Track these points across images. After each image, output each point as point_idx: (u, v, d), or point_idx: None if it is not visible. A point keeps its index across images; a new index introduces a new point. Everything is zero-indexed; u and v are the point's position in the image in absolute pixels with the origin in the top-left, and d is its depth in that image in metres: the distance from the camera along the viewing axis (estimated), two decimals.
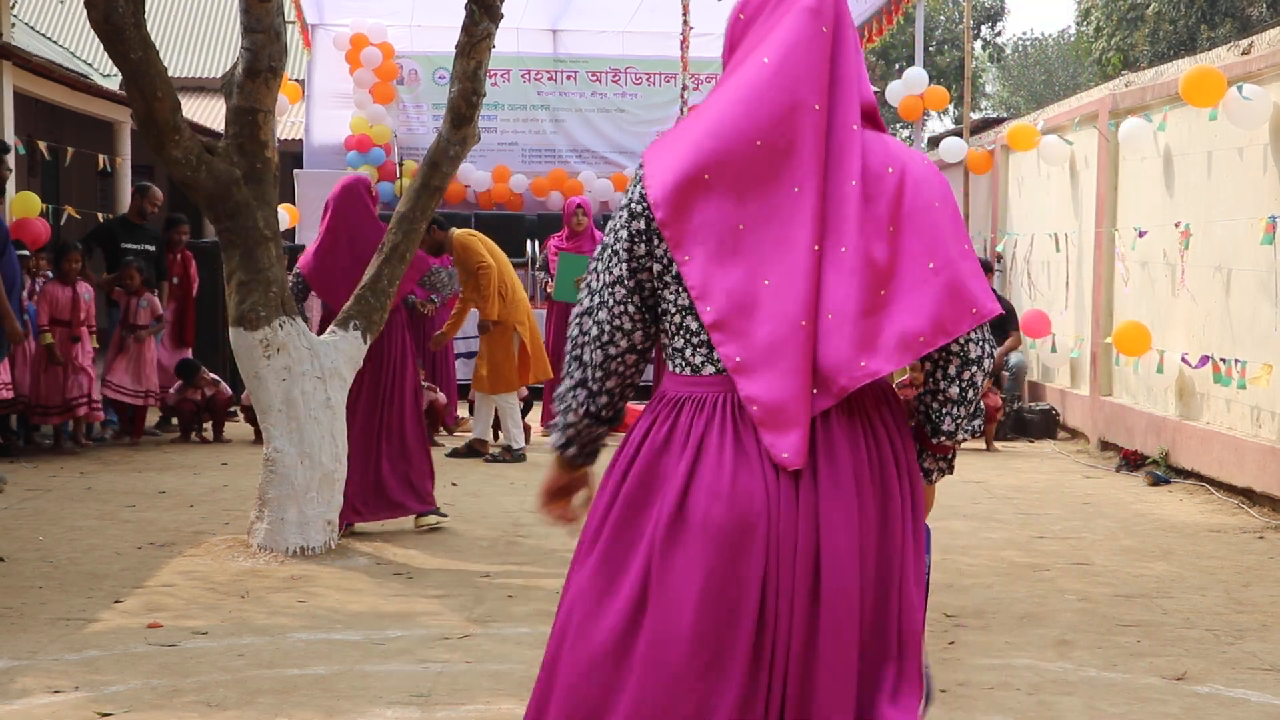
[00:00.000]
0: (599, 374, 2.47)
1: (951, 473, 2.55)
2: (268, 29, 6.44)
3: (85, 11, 6.18)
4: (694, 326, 2.37)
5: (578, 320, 2.47)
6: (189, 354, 11.06)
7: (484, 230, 15.35)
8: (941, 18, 39.50)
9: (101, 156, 14.93)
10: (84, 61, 20.38)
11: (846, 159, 2.31)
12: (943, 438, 2.46)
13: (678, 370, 2.40)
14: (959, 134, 15.84)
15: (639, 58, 17.06)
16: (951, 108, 30.61)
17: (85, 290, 9.91)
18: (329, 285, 7.10)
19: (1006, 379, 11.80)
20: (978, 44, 40.29)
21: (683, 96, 13.29)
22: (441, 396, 10.69)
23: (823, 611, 2.27)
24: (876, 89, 28.27)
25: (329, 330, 6.83)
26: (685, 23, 13.30)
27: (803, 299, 2.28)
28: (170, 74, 6.45)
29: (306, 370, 6.51)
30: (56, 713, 4.19)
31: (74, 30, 23.99)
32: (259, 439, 9.43)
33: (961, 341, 2.36)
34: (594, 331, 2.45)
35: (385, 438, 7.04)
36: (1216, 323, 8.85)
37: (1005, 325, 12.06)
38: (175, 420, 10.81)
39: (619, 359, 2.46)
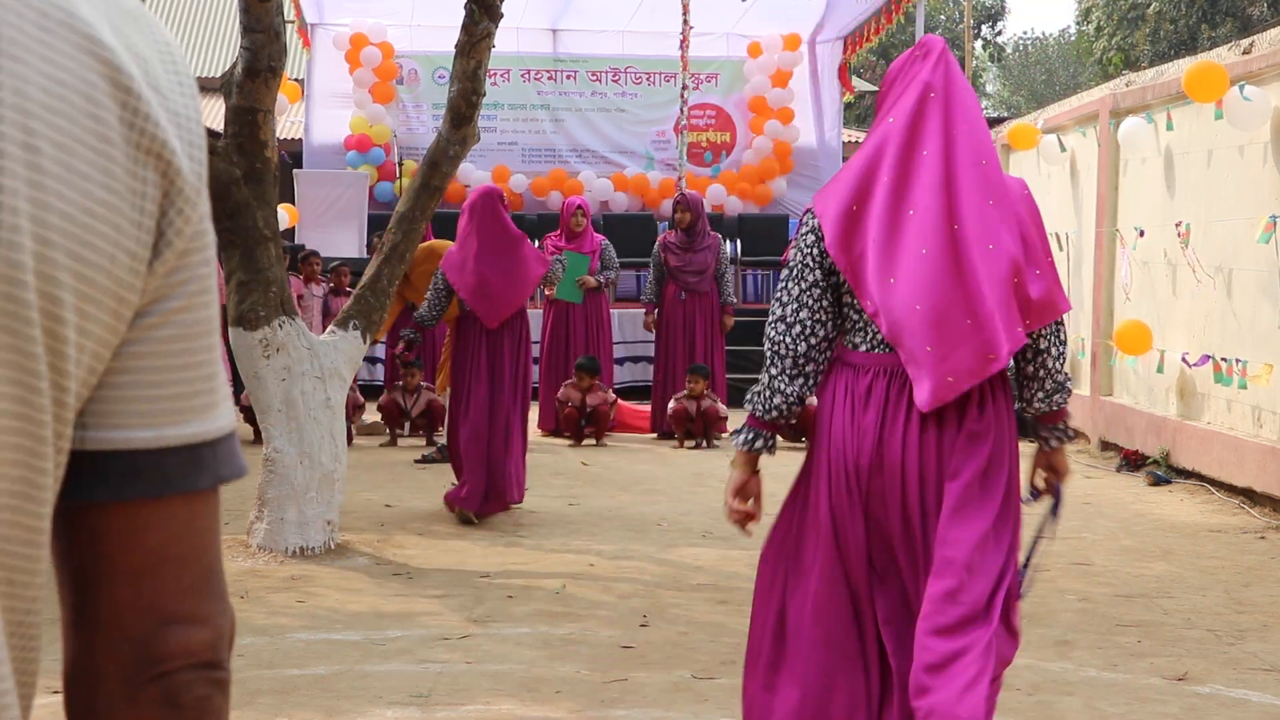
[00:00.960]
0: (803, 361, 3.10)
1: (1070, 439, 3.31)
2: (267, 29, 6.43)
3: None
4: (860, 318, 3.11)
5: (775, 323, 3.13)
6: None
7: None
8: (942, 17, 39.51)
9: None
10: None
11: (955, 189, 3.04)
12: (1036, 409, 3.23)
13: (850, 347, 3.14)
14: None
15: (639, 57, 17.05)
16: None
17: None
18: (471, 289, 7.35)
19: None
20: (978, 43, 40.28)
21: (683, 96, 13.30)
22: (440, 398, 10.68)
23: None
24: (877, 88, 28.30)
25: (328, 330, 6.83)
26: (685, 22, 13.31)
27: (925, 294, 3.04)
28: None
29: (306, 370, 6.51)
30: (57, 713, 4.17)
31: None
32: (258, 439, 9.42)
33: (1033, 335, 3.10)
34: (797, 329, 3.10)
35: (503, 430, 7.34)
36: (1217, 322, 8.84)
37: None
38: None
39: (818, 347, 3.11)
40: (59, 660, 0.99)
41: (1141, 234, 9.89)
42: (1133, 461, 9.68)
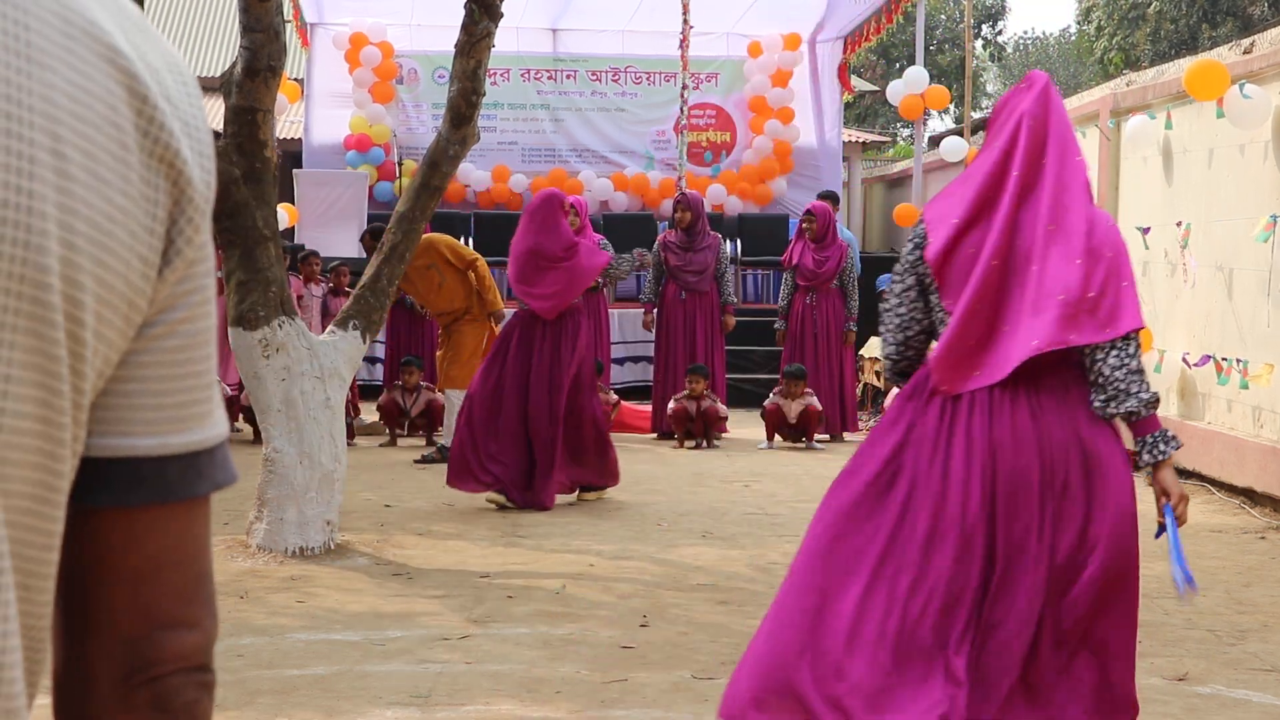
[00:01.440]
0: (902, 348, 3.64)
1: (1161, 455, 3.49)
2: (267, 28, 6.43)
3: None
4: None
5: (887, 312, 3.65)
6: None
7: (484, 230, 15.45)
8: (942, 17, 39.50)
9: None
10: None
11: (1033, 206, 3.44)
12: (1107, 414, 3.44)
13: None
14: (960, 133, 15.84)
15: (639, 57, 17.04)
16: (952, 107, 30.55)
17: None
18: (523, 287, 7.89)
19: None
20: (978, 43, 40.27)
21: (683, 96, 13.30)
22: (440, 397, 10.66)
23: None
24: (877, 87, 28.29)
25: (328, 330, 6.83)
26: (685, 22, 13.30)
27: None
28: None
29: (306, 370, 6.50)
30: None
31: None
32: (258, 439, 9.42)
33: (1089, 349, 3.38)
34: (896, 322, 3.62)
35: (561, 421, 7.68)
36: (1217, 322, 8.83)
37: None
38: None
39: (917, 336, 3.62)
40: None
41: (1147, 231, 9.86)
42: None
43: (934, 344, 3.55)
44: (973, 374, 3.42)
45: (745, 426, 11.18)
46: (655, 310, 11.31)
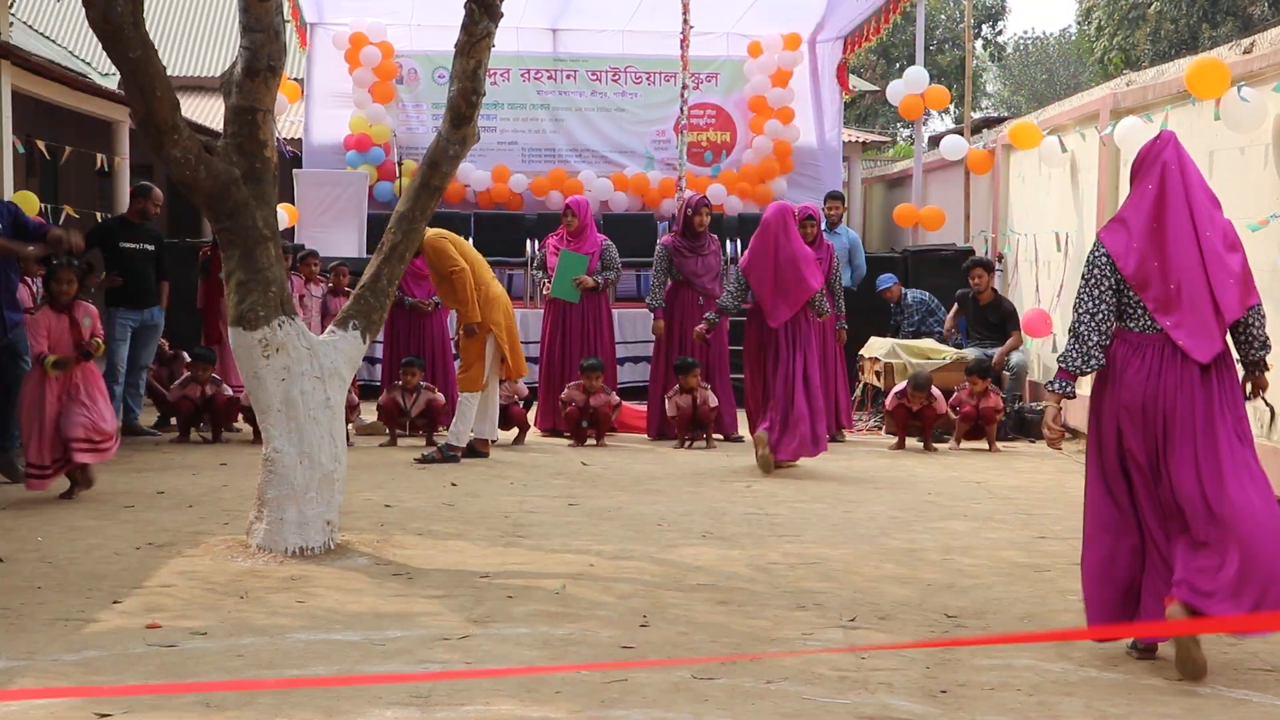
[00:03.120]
0: (1097, 339, 4.93)
1: (1266, 370, 5.15)
2: (267, 28, 6.43)
3: (84, 11, 6.17)
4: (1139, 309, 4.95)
5: (1081, 315, 4.94)
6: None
7: (483, 230, 15.45)
8: (942, 17, 39.49)
9: (100, 156, 14.92)
10: (83, 60, 20.36)
11: (1197, 226, 4.87)
12: (1252, 358, 5.10)
13: (1132, 328, 4.93)
14: (960, 133, 15.83)
15: (639, 57, 17.05)
16: (952, 107, 30.61)
17: (86, 314, 8.00)
18: (759, 287, 9.35)
19: (1007, 379, 11.78)
20: (978, 43, 40.28)
21: (683, 95, 13.29)
22: (440, 397, 10.67)
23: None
24: (877, 87, 28.29)
25: (328, 330, 6.83)
26: (685, 22, 13.29)
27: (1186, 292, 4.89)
28: (169, 73, 6.44)
29: (306, 370, 6.50)
30: (55, 713, 4.18)
31: (73, 29, 23.98)
32: (258, 439, 9.41)
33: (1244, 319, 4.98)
34: (1090, 322, 4.94)
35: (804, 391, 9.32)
36: None
37: (1006, 325, 12.05)
38: (174, 420, 10.80)
39: (1107, 332, 4.93)
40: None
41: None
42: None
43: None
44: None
45: (744, 426, 11.17)
46: (666, 316, 11.11)
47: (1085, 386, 5.17)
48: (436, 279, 9.79)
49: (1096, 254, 4.94)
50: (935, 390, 10.74)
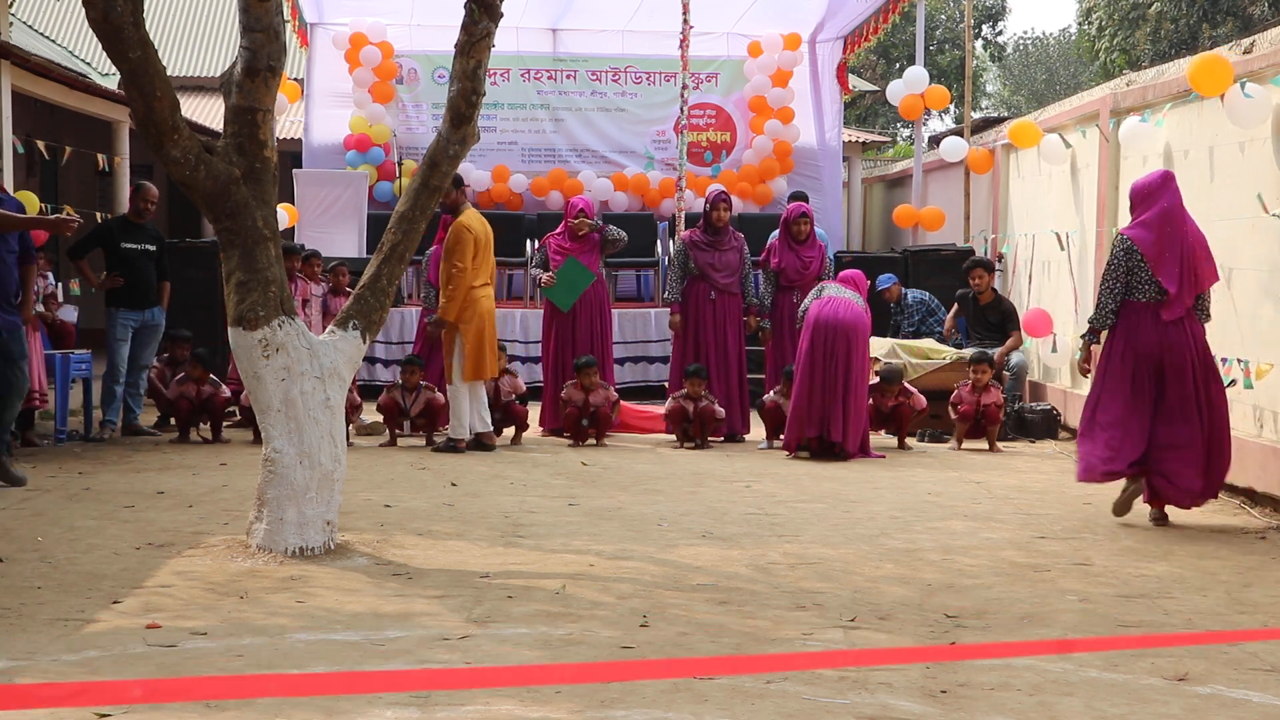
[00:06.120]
0: (1114, 306, 7.57)
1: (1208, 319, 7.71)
2: (266, 28, 6.43)
3: (84, 11, 6.17)
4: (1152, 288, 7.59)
5: (1104, 290, 7.60)
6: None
7: None
8: (942, 17, 39.47)
9: (100, 156, 14.92)
10: (83, 60, 20.36)
11: (1185, 227, 7.59)
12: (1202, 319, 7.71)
13: (1140, 298, 7.54)
14: (960, 133, 15.83)
15: (639, 57, 17.05)
16: (952, 107, 30.58)
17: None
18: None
19: (1008, 379, 11.77)
20: (979, 43, 40.26)
21: (683, 95, 13.28)
22: (440, 396, 10.66)
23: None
24: (877, 87, 28.28)
25: (328, 330, 6.83)
26: (685, 22, 13.29)
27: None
28: (169, 73, 6.44)
29: (306, 370, 6.50)
30: (55, 713, 4.17)
31: (72, 29, 23.98)
32: (258, 439, 9.41)
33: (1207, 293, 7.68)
34: (1111, 294, 7.56)
35: None
36: (1217, 322, 8.81)
37: (1006, 325, 12.05)
38: (173, 420, 10.80)
39: (1119, 303, 7.55)
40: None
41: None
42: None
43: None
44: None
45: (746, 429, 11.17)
46: (681, 310, 11.08)
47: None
48: (443, 254, 10.02)
49: (1123, 245, 7.53)
50: (910, 387, 10.77)
